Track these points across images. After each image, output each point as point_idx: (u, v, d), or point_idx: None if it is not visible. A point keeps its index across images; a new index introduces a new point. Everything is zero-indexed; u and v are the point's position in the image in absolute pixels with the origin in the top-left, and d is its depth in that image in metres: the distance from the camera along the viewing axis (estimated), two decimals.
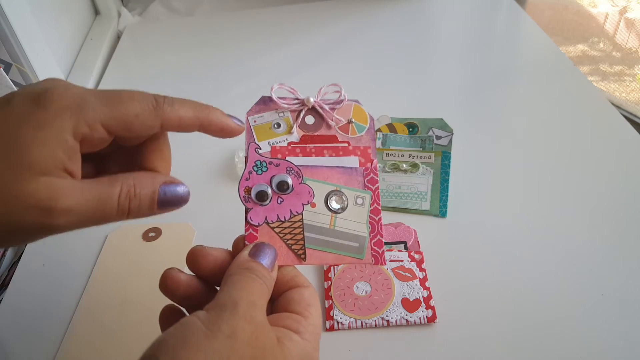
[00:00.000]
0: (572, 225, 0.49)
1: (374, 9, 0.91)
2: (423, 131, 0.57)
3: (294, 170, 0.30)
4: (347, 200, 0.30)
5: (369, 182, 0.31)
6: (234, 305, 0.24)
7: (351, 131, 0.32)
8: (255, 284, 0.26)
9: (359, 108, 0.32)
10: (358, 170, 0.31)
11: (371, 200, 0.31)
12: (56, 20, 0.78)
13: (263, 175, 0.30)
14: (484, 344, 0.39)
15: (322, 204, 0.30)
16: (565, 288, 0.43)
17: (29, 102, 0.24)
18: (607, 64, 1.32)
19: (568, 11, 1.47)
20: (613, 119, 0.62)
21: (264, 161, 0.30)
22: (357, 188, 0.31)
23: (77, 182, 0.24)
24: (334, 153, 0.31)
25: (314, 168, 0.30)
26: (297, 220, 0.30)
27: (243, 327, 0.23)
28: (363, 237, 0.30)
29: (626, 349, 0.38)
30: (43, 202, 0.23)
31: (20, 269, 0.49)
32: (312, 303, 0.28)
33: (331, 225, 0.30)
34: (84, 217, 0.25)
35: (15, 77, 0.58)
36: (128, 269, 0.47)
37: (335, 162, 0.31)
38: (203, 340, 0.22)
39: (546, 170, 0.55)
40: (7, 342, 0.43)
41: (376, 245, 0.30)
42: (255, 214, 0.29)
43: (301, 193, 0.30)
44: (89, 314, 0.44)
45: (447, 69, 0.76)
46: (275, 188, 0.30)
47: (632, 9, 1.36)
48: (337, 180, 0.31)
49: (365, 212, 0.31)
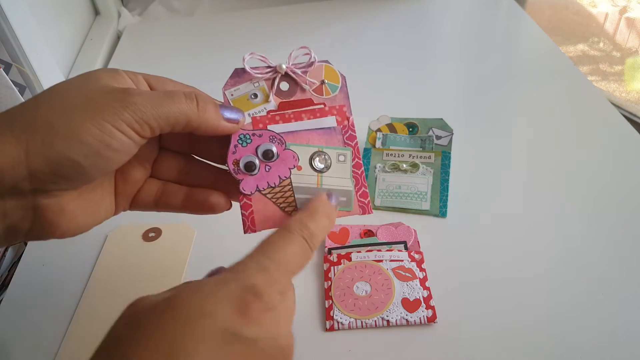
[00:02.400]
0: (572, 225, 0.49)
1: (374, 9, 0.91)
2: (423, 131, 0.57)
3: (277, 138, 0.32)
4: (330, 159, 0.32)
5: (348, 139, 0.32)
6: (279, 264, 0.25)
7: (325, 92, 0.33)
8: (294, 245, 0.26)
9: (329, 68, 0.33)
10: (337, 130, 0.32)
11: (352, 156, 0.32)
12: (56, 20, 0.78)
13: (248, 147, 0.31)
14: (484, 344, 0.39)
15: (308, 166, 0.32)
16: (565, 288, 0.43)
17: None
18: (607, 64, 1.32)
19: (568, 11, 1.47)
20: (613, 119, 0.62)
21: (247, 134, 0.31)
22: (337, 146, 0.32)
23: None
24: (312, 116, 0.32)
25: (295, 133, 0.32)
26: (287, 184, 0.31)
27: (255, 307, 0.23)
28: (349, 190, 0.32)
29: (626, 349, 0.38)
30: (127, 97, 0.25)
31: (20, 269, 0.49)
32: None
33: (318, 184, 0.32)
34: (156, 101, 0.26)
35: (15, 77, 0.58)
36: (128, 269, 0.47)
37: (315, 125, 0.32)
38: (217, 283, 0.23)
39: (546, 170, 0.55)
40: (7, 342, 0.43)
41: (362, 197, 0.32)
42: (247, 184, 0.31)
43: (286, 158, 0.32)
44: (89, 314, 0.44)
45: (447, 69, 0.76)
46: (262, 157, 0.31)
47: (632, 8, 1.36)
48: (318, 141, 0.32)
49: (348, 168, 0.32)
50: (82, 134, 0.23)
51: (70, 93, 0.24)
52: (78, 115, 0.23)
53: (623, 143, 0.58)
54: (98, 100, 0.24)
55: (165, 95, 0.26)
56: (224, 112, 0.29)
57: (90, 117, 0.23)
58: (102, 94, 0.25)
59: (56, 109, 0.23)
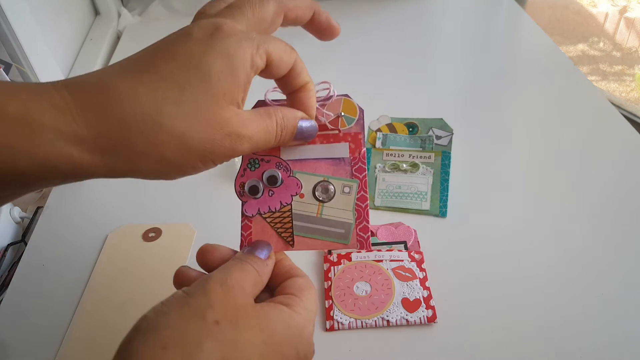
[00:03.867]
0: (572, 225, 0.49)
1: (374, 9, 0.91)
2: (423, 131, 0.57)
3: (283, 165, 0.32)
4: (335, 190, 0.32)
5: (357, 170, 0.32)
6: (209, 276, 0.27)
7: (341, 124, 0.33)
8: (235, 264, 0.28)
9: (348, 102, 0.33)
10: (346, 160, 0.32)
11: (358, 189, 0.32)
12: (56, 20, 0.78)
13: (256, 171, 0.32)
14: (484, 344, 0.39)
15: (310, 195, 0.32)
16: (565, 288, 0.43)
17: (208, 36, 0.25)
18: (607, 64, 1.32)
19: (568, 11, 1.47)
20: (613, 118, 0.62)
21: (257, 158, 0.32)
22: (344, 177, 0.32)
23: (247, 112, 0.27)
24: (325, 141, 0.32)
25: (304, 161, 0.32)
26: (287, 210, 0.32)
27: (214, 287, 0.25)
28: (349, 223, 0.32)
29: (626, 349, 0.38)
30: (236, 129, 0.25)
31: (20, 269, 0.49)
32: (306, 288, 0.30)
33: (318, 214, 0.32)
34: (255, 144, 0.27)
35: (15, 77, 0.58)
36: (128, 269, 0.47)
37: (327, 152, 0.32)
38: (181, 298, 0.25)
39: (546, 170, 0.55)
40: (7, 342, 0.43)
41: (362, 231, 0.32)
42: (249, 207, 0.32)
43: (290, 185, 0.32)
44: (89, 314, 0.44)
45: (447, 68, 0.76)
46: (266, 182, 0.32)
47: (632, 8, 1.36)
48: (325, 171, 0.32)
49: (351, 200, 0.32)
50: (187, 168, 0.25)
51: (194, 131, 0.24)
52: (192, 156, 0.25)
53: (623, 143, 0.58)
54: (216, 146, 0.25)
55: (264, 140, 0.27)
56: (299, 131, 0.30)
57: (202, 159, 0.25)
58: (223, 137, 0.25)
59: (175, 147, 0.24)
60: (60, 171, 0.22)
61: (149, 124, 0.23)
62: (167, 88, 0.24)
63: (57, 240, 0.52)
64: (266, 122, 0.28)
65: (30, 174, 0.22)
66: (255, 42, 0.26)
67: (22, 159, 0.21)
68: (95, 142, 0.22)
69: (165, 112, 0.23)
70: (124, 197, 0.56)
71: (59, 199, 0.56)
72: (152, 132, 0.23)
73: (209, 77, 0.24)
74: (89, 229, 0.52)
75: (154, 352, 0.23)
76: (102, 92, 0.23)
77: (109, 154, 0.23)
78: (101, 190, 0.58)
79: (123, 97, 0.23)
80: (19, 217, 0.55)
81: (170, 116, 0.23)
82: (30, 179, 0.22)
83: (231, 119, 0.25)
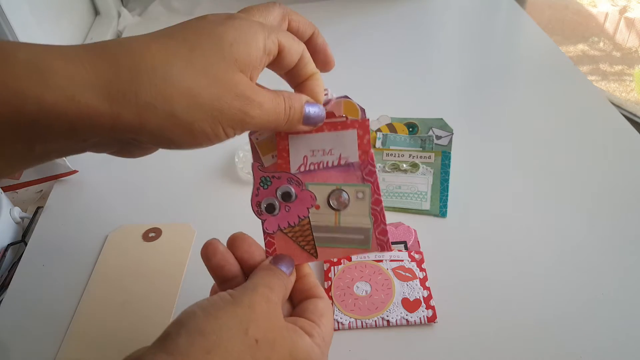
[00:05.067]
0: (572, 225, 0.49)
1: (374, 9, 0.91)
2: (423, 131, 0.57)
3: (294, 180, 0.32)
4: (348, 197, 0.32)
5: (367, 174, 0.32)
6: (254, 287, 0.28)
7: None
8: (273, 277, 0.30)
9: (348, 103, 0.33)
10: (355, 165, 0.32)
11: (371, 193, 0.32)
12: (56, 20, 0.78)
13: (269, 189, 0.33)
14: (484, 344, 0.39)
15: (325, 205, 0.32)
16: (565, 288, 0.43)
17: (223, 18, 0.26)
18: (607, 64, 1.32)
19: (568, 11, 1.48)
20: (613, 118, 0.62)
21: (267, 176, 0.33)
22: (356, 183, 0.32)
23: (257, 84, 0.27)
24: (333, 128, 0.32)
25: (314, 173, 0.32)
26: (305, 223, 0.33)
27: (260, 302, 0.27)
28: (367, 228, 0.32)
29: (626, 349, 0.38)
30: (246, 92, 0.26)
31: (20, 269, 0.49)
32: (325, 314, 0.31)
33: (336, 223, 0.32)
34: (265, 115, 0.27)
35: None
36: (128, 269, 0.47)
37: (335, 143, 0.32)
38: (229, 305, 0.26)
39: (546, 169, 0.55)
40: (7, 342, 0.43)
41: (380, 234, 0.32)
42: (269, 224, 0.33)
43: (304, 199, 0.32)
44: (89, 314, 0.44)
45: (447, 69, 0.76)
46: (281, 198, 0.32)
47: (632, 8, 1.36)
48: (336, 179, 0.32)
49: (366, 205, 0.32)
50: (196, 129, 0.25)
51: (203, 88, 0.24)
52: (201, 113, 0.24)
53: (623, 143, 0.58)
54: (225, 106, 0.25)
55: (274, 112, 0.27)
56: (306, 116, 0.30)
57: (211, 119, 0.25)
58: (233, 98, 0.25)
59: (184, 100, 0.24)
60: (67, 119, 0.22)
61: (158, 74, 0.23)
62: (179, 47, 0.24)
63: (57, 240, 0.52)
64: (275, 97, 0.28)
65: (38, 120, 0.22)
66: (267, 29, 0.27)
67: (30, 103, 0.21)
68: (104, 89, 0.22)
69: (175, 66, 0.24)
70: (124, 197, 0.56)
71: (59, 199, 0.56)
72: (160, 83, 0.23)
73: (221, 42, 0.25)
74: (89, 229, 0.52)
75: (200, 355, 0.24)
76: (114, 46, 0.24)
77: (116, 102, 0.23)
78: (101, 190, 0.58)
79: (135, 51, 0.23)
80: (19, 217, 0.55)
81: (179, 69, 0.24)
82: (38, 128, 0.22)
83: (241, 82, 0.25)
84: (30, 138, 0.23)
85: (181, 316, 0.26)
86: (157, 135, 0.24)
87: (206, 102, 0.24)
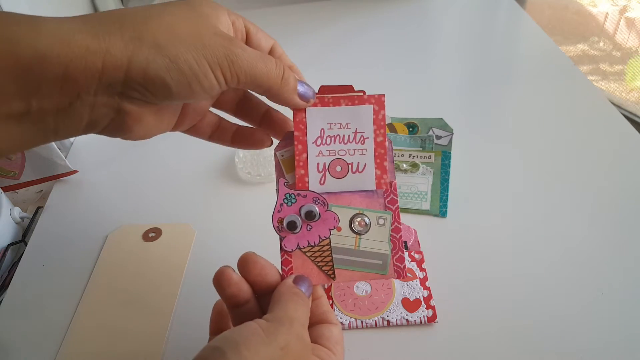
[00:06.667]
0: (571, 224, 0.49)
1: (374, 8, 0.91)
2: (423, 131, 0.57)
3: (320, 200, 0.33)
4: (370, 222, 0.33)
5: (389, 202, 0.33)
6: (290, 323, 0.28)
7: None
8: (304, 308, 0.30)
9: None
10: (379, 193, 0.33)
11: (392, 220, 0.33)
12: None
13: (293, 206, 0.33)
14: (484, 344, 0.39)
15: (347, 227, 0.33)
16: (564, 287, 0.43)
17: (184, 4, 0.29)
18: (607, 64, 1.32)
19: (568, 11, 1.48)
20: (613, 118, 0.62)
21: (293, 194, 0.33)
22: (378, 210, 0.33)
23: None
24: (350, 102, 0.33)
25: (338, 194, 0.33)
26: (326, 244, 0.33)
27: (295, 344, 0.27)
28: (386, 254, 0.33)
29: (625, 348, 0.38)
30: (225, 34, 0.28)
31: (20, 269, 0.49)
32: (340, 341, 0.32)
33: (356, 246, 0.33)
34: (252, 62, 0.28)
35: None
36: (128, 269, 0.47)
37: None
38: (261, 344, 0.26)
39: (546, 169, 0.55)
40: (7, 342, 0.43)
41: (398, 261, 0.33)
42: (289, 242, 0.33)
43: (327, 220, 0.33)
44: (89, 314, 0.44)
45: (447, 68, 0.76)
46: (304, 217, 0.32)
47: (632, 8, 1.37)
48: (359, 204, 0.33)
49: (386, 232, 0.33)
50: (182, 63, 0.26)
51: (182, 24, 0.26)
52: (184, 46, 0.26)
53: (623, 143, 0.58)
54: (206, 40, 0.26)
55: (261, 58, 0.28)
56: (300, 89, 0.31)
57: (195, 51, 0.26)
58: (212, 35, 0.27)
59: (165, 33, 0.26)
60: (59, 62, 0.23)
61: (138, 16, 0.26)
62: (155, 6, 0.27)
63: (57, 240, 0.52)
64: (264, 55, 0.29)
65: (32, 67, 0.23)
66: (233, 13, 0.30)
67: (24, 47, 0.23)
68: (91, 31, 0.25)
69: (154, 9, 0.27)
70: (124, 197, 0.56)
71: (59, 199, 0.56)
72: (141, 21, 0.26)
73: (192, 3, 0.28)
74: (89, 229, 0.52)
75: None
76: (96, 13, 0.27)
77: (104, 40, 0.24)
78: (101, 190, 0.58)
79: (115, 9, 0.27)
80: (19, 217, 0.55)
81: (158, 12, 0.27)
82: (33, 76, 0.23)
83: (219, 27, 0.28)
84: (26, 89, 0.24)
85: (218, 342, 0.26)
86: (146, 75, 0.25)
87: (187, 35, 0.26)
